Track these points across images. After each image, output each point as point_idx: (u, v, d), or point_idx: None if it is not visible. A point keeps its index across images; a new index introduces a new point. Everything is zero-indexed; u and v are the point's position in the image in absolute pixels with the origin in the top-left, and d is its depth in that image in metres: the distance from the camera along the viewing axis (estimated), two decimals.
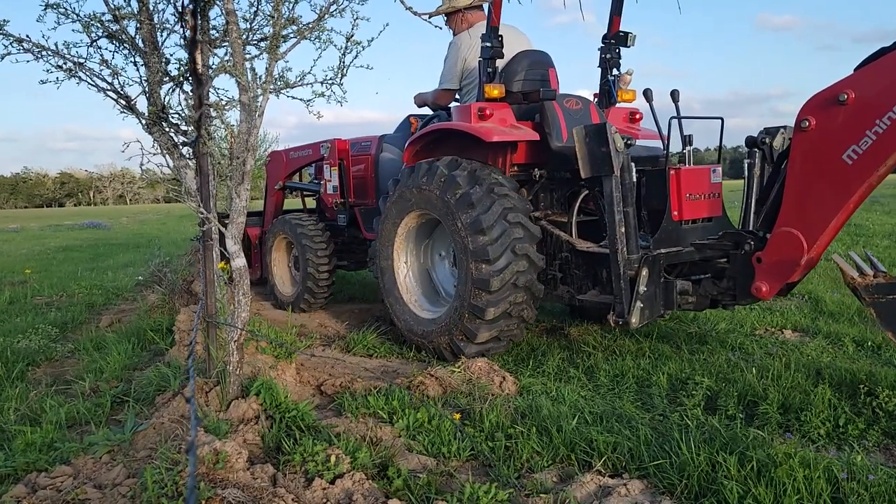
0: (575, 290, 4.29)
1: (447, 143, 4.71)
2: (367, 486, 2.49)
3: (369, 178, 6.03)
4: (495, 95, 4.49)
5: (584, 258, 4.24)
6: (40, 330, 5.23)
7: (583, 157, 3.77)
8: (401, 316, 4.87)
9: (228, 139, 3.09)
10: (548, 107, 4.54)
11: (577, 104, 4.72)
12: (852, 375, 3.61)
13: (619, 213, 3.70)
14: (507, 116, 4.56)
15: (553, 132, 4.51)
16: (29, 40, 3.09)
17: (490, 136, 4.25)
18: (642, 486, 2.53)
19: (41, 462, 2.79)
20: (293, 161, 6.84)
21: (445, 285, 5.03)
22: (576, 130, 3.72)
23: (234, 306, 3.18)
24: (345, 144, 6.20)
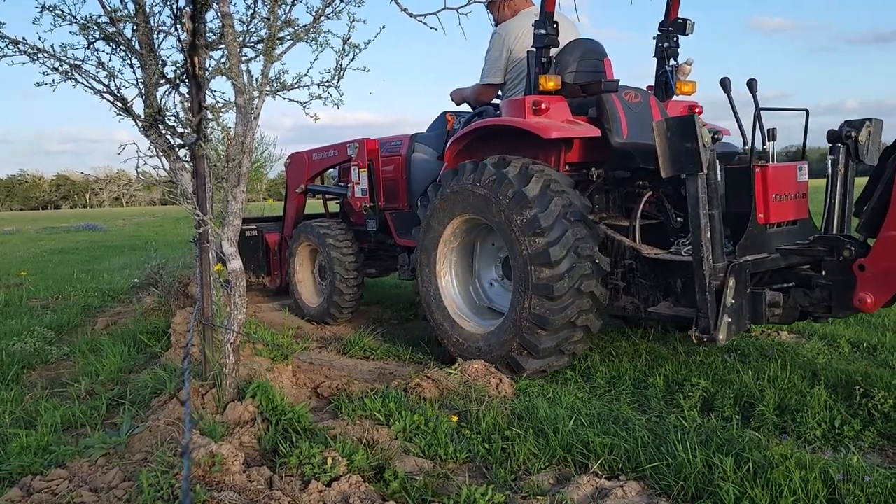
0: (641, 302, 3.85)
1: (493, 141, 4.39)
2: (364, 489, 2.49)
3: (400, 181, 5.63)
4: (551, 88, 4.10)
5: (651, 266, 3.80)
6: (36, 332, 5.21)
7: (664, 154, 3.33)
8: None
9: (225, 141, 3.09)
10: (606, 100, 4.16)
11: (637, 97, 4.35)
12: (848, 377, 3.62)
13: (704, 216, 3.26)
14: (563, 111, 4.20)
15: (613, 127, 4.12)
16: (25, 42, 3.08)
17: (548, 133, 3.90)
18: (639, 487, 2.54)
19: (36, 465, 2.78)
20: (316, 163, 6.44)
21: (494, 296, 4.64)
22: (656, 124, 3.33)
23: (231, 309, 3.17)
24: (374, 144, 5.81)
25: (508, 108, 4.29)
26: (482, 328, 4.34)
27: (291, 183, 6.64)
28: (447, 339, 4.46)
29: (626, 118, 4.17)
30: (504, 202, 3.90)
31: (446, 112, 5.46)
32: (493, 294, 4.64)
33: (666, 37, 4.65)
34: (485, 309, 4.62)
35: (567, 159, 4.19)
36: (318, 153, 6.41)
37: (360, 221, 5.96)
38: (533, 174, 3.88)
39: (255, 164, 22.21)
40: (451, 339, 4.42)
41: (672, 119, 3.37)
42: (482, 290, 4.69)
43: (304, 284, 6.23)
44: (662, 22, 4.64)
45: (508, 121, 4.18)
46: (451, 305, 4.53)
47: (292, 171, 6.66)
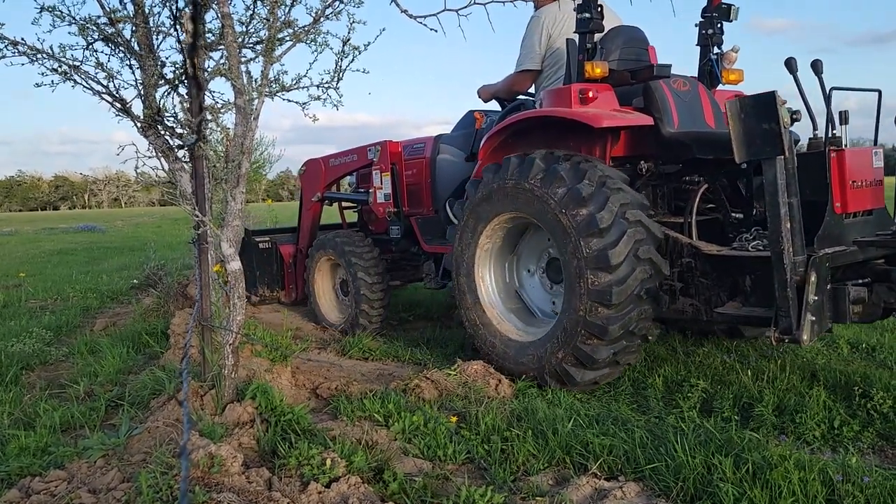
0: (703, 303, 3.56)
1: (532, 135, 4.08)
2: (363, 490, 2.48)
3: (425, 184, 5.35)
4: (598, 75, 3.84)
5: (713, 264, 3.52)
6: (34, 333, 5.21)
7: (738, 138, 3.04)
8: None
9: (224, 142, 3.09)
10: (655, 87, 3.88)
11: (685, 85, 4.06)
12: (847, 377, 3.62)
13: (783, 205, 2.97)
14: (610, 100, 3.92)
15: (664, 117, 3.83)
16: (24, 43, 3.08)
17: (599, 122, 3.61)
18: (638, 488, 2.53)
19: (35, 466, 2.77)
20: (334, 169, 6.10)
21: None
22: (729, 104, 3.06)
23: (230, 310, 3.17)
24: (397, 147, 5.51)
25: (551, 98, 4.01)
26: (526, 336, 4.04)
27: (307, 191, 6.31)
28: (486, 348, 4.14)
29: (676, 107, 3.90)
30: (556, 200, 3.61)
31: (473, 111, 5.23)
32: (537, 299, 4.35)
33: (710, 23, 4.35)
34: (528, 315, 4.32)
35: (613, 153, 3.91)
36: (335, 159, 6.12)
37: (381, 229, 5.74)
38: (584, 170, 3.62)
39: (255, 164, 22.22)
40: (491, 348, 4.11)
41: (748, 98, 3.07)
42: (525, 294, 4.40)
43: (326, 301, 5.94)
44: (705, 8, 4.38)
45: (554, 111, 3.86)
46: (490, 311, 4.23)
47: (307, 179, 6.34)
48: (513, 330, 4.16)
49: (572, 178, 3.61)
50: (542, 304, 4.30)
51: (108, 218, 37.26)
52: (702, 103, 4.08)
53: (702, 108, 4.03)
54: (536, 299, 4.35)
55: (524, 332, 4.13)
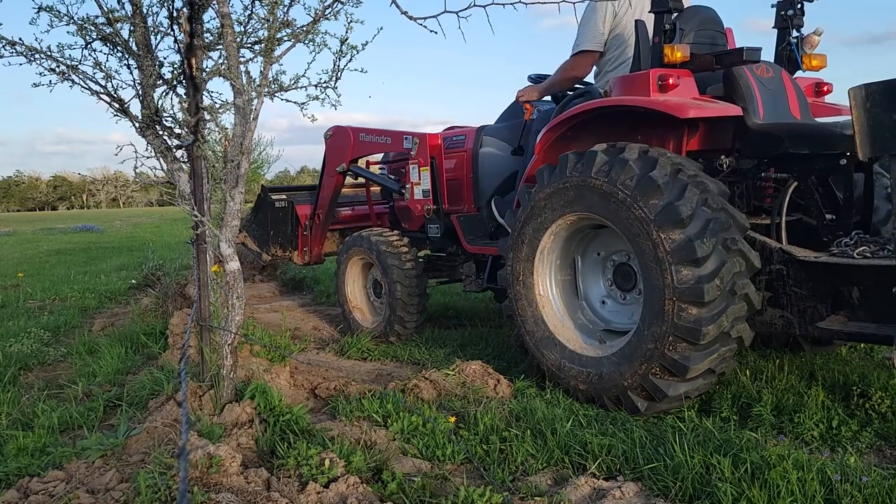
0: (796, 316, 3.20)
1: (596, 126, 3.74)
2: (362, 490, 2.48)
3: (466, 179, 5.03)
4: (678, 59, 3.48)
5: (809, 272, 3.15)
6: (33, 334, 5.20)
7: (863, 130, 2.70)
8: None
9: (222, 142, 3.09)
10: (739, 74, 3.51)
11: (768, 71, 3.67)
12: (845, 377, 3.62)
13: None
14: (690, 87, 3.55)
15: (749, 106, 3.45)
16: (22, 43, 3.08)
17: (684, 112, 3.24)
18: (637, 488, 2.54)
19: (33, 467, 2.77)
20: (363, 144, 5.70)
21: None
22: (853, 92, 2.73)
23: (228, 310, 3.17)
24: (437, 139, 5.14)
25: (623, 85, 3.63)
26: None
27: (330, 159, 5.92)
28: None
29: (761, 95, 3.53)
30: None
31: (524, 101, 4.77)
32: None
33: (789, 3, 3.98)
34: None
35: (689, 146, 3.55)
36: (365, 134, 5.70)
37: (416, 227, 5.48)
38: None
39: (253, 164, 22.26)
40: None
41: (876, 85, 2.66)
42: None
43: (357, 302, 5.63)
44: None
45: (632, 100, 3.48)
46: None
47: (333, 146, 5.92)
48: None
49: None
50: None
51: (106, 218, 37.24)
52: (786, 92, 3.70)
53: (786, 96, 3.68)
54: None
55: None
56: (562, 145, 3.89)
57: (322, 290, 7.40)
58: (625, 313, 3.78)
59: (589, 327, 3.87)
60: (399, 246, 5.15)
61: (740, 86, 3.50)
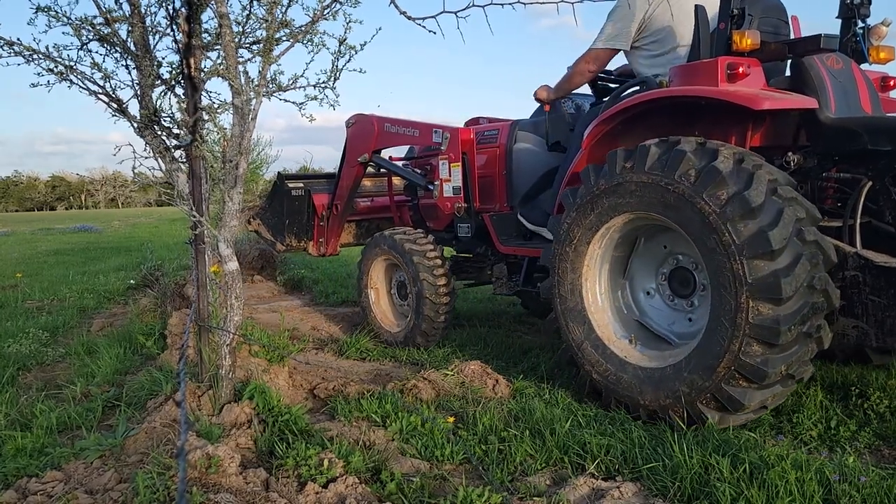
0: (874, 326, 2.97)
1: (647, 120, 3.54)
2: (361, 490, 2.48)
3: (498, 177, 4.82)
4: (748, 46, 3.24)
5: (889, 279, 2.91)
6: (31, 334, 5.19)
7: None
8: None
9: (221, 142, 3.09)
10: (810, 64, 3.29)
11: (839, 62, 3.46)
12: (844, 378, 3.63)
13: None
14: (759, 77, 3.30)
15: (822, 99, 3.22)
16: (20, 43, 3.08)
17: (759, 104, 3.02)
18: (635, 488, 2.54)
19: (32, 467, 2.77)
20: (387, 135, 5.46)
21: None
22: None
23: (227, 310, 3.17)
24: (469, 134, 4.88)
25: (685, 74, 3.38)
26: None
27: (352, 148, 5.73)
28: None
29: (833, 88, 3.32)
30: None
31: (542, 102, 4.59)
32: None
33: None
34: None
35: (753, 141, 3.32)
36: (391, 124, 5.45)
37: (442, 226, 5.31)
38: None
39: (252, 165, 22.20)
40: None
41: None
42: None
43: (381, 305, 5.42)
44: None
45: (698, 90, 3.22)
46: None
47: (355, 136, 5.71)
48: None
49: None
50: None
51: (104, 218, 37.21)
52: (857, 85, 3.49)
53: (857, 90, 3.48)
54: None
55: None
56: (610, 141, 3.69)
57: (321, 290, 7.39)
58: (667, 316, 3.60)
59: (623, 312, 3.69)
60: (425, 244, 4.95)
61: (811, 77, 3.27)
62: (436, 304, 4.82)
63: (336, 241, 6.14)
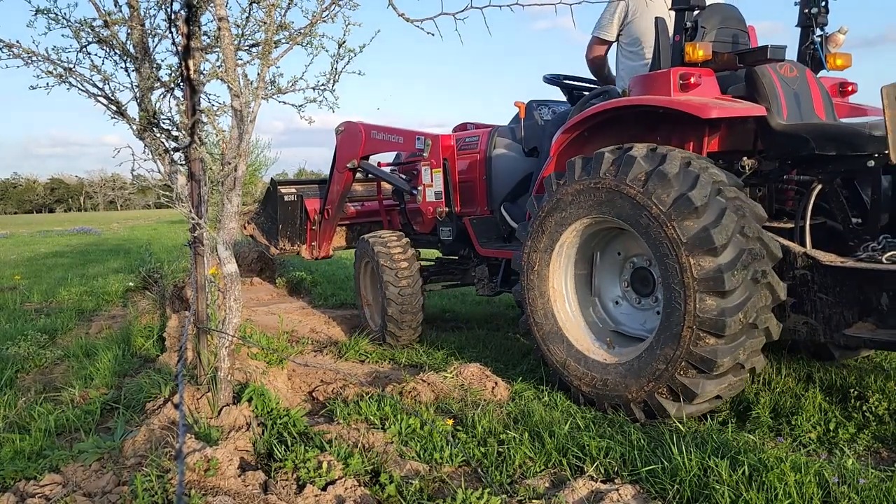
0: (821, 322, 3.13)
1: (614, 127, 3.69)
2: (359, 493, 2.48)
3: (479, 182, 4.97)
4: (700, 58, 3.41)
5: (835, 277, 3.07)
6: (29, 336, 5.19)
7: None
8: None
9: (220, 145, 3.09)
10: (762, 73, 3.44)
11: (793, 70, 3.60)
12: (843, 380, 3.63)
13: None
14: (712, 86, 3.48)
15: (773, 107, 3.38)
16: (19, 45, 3.08)
17: (707, 113, 3.17)
18: (634, 491, 2.54)
19: (30, 470, 2.76)
20: (374, 142, 5.65)
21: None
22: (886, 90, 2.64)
23: (226, 312, 3.17)
24: (450, 141, 5.08)
25: (644, 84, 3.57)
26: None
27: (341, 155, 5.94)
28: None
29: (785, 95, 3.47)
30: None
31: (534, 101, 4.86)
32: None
33: (813, 1, 3.90)
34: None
35: (710, 147, 3.49)
36: (377, 132, 5.65)
37: (427, 229, 5.42)
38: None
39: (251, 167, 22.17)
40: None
41: None
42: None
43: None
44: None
45: (651, 100, 3.41)
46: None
47: (344, 143, 5.91)
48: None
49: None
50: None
51: (103, 221, 37.19)
52: (811, 92, 3.64)
53: (811, 97, 3.63)
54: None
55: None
56: (577, 147, 3.83)
57: (320, 292, 7.39)
58: (638, 318, 3.72)
59: (598, 326, 3.82)
60: (392, 247, 5.12)
61: (763, 85, 3.44)
62: (399, 304, 4.98)
63: (328, 244, 6.33)
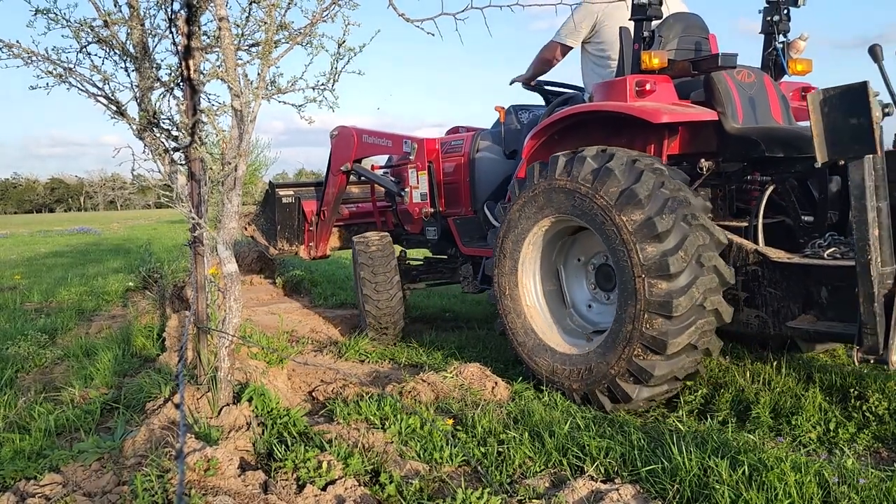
0: (770, 316, 3.32)
1: (581, 131, 3.87)
2: (359, 493, 2.48)
3: (463, 183, 5.14)
4: (656, 66, 3.58)
5: (783, 273, 3.25)
6: (30, 336, 5.19)
7: (820, 134, 2.77)
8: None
9: (220, 145, 3.09)
10: (718, 79, 3.61)
11: (750, 76, 3.78)
12: (843, 380, 3.63)
13: (872, 209, 2.74)
14: (668, 92, 3.68)
15: (727, 110, 3.56)
16: (19, 45, 3.07)
17: (658, 117, 3.39)
18: (634, 490, 2.54)
19: (30, 470, 2.77)
20: (365, 146, 5.88)
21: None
22: (811, 96, 2.81)
23: (226, 312, 3.16)
24: (434, 144, 5.30)
25: (603, 91, 3.78)
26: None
27: (335, 158, 6.16)
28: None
29: (741, 100, 3.64)
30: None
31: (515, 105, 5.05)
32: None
33: (775, 9, 4.06)
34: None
35: (670, 150, 3.69)
36: (368, 136, 5.88)
37: (417, 229, 5.58)
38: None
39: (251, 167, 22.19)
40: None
41: (834, 90, 2.78)
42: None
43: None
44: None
45: (609, 105, 3.62)
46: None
47: (338, 146, 6.14)
48: (559, 340, 3.87)
49: (628, 178, 3.34)
50: (590, 314, 4.04)
51: (103, 220, 37.20)
52: (768, 97, 3.81)
53: (768, 101, 3.80)
54: (584, 306, 4.08)
55: (570, 342, 3.84)
56: (548, 151, 3.94)
57: (320, 292, 7.39)
58: (610, 312, 3.82)
59: (578, 332, 3.99)
60: (370, 244, 5.29)
61: (719, 91, 3.60)
62: (375, 303, 5.16)
63: (325, 244, 6.51)
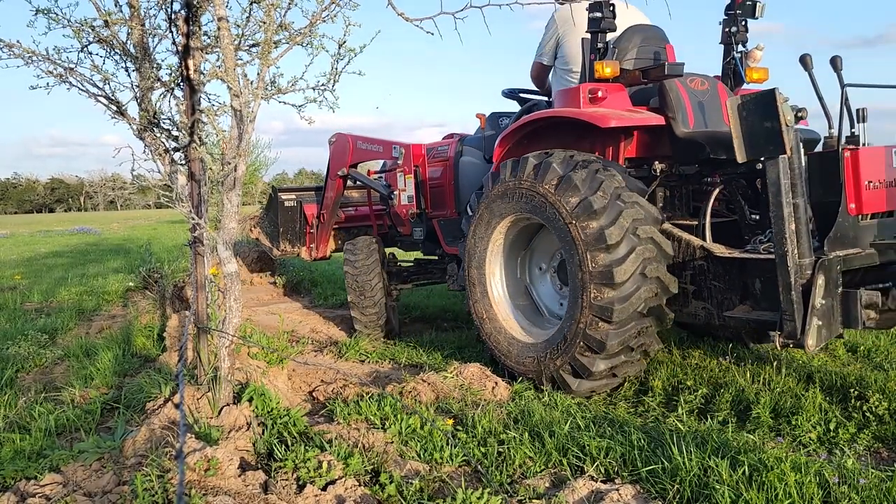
0: (715, 307, 3.56)
1: (547, 136, 4.13)
2: (360, 493, 2.48)
3: (448, 186, 5.41)
4: (608, 75, 3.83)
5: (725, 267, 3.50)
6: (30, 336, 5.19)
7: (739, 136, 3.01)
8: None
9: (220, 145, 3.08)
10: (669, 86, 3.85)
11: (703, 84, 4.03)
12: (843, 380, 3.63)
13: (787, 205, 2.95)
14: (621, 99, 3.93)
15: (678, 116, 3.79)
16: (19, 45, 3.07)
17: (606, 122, 3.63)
18: (634, 490, 2.54)
19: (30, 470, 2.77)
20: (360, 152, 6.18)
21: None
22: (729, 102, 3.04)
23: (226, 312, 3.16)
24: (420, 150, 5.59)
25: (563, 98, 4.05)
26: (532, 336, 4.08)
27: (333, 164, 6.43)
28: (492, 342, 4.20)
29: (692, 106, 3.88)
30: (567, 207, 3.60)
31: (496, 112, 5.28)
32: (547, 299, 4.39)
33: (733, 21, 4.30)
34: (537, 315, 4.35)
35: (627, 153, 3.93)
36: (362, 142, 6.15)
37: (408, 231, 5.79)
38: (576, 163, 3.63)
39: (251, 167, 22.21)
40: (497, 343, 4.16)
41: (748, 96, 3.05)
42: (535, 294, 4.43)
43: None
44: (729, 5, 4.33)
45: (560, 112, 3.90)
46: (499, 309, 4.26)
47: (335, 152, 6.42)
48: (520, 329, 4.16)
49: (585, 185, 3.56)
50: (551, 304, 4.34)
51: (103, 220, 37.19)
52: (720, 103, 4.02)
53: (720, 108, 3.99)
54: (546, 298, 4.36)
55: (529, 332, 4.13)
56: (517, 152, 4.16)
57: (320, 292, 7.40)
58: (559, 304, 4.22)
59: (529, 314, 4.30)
60: (355, 248, 5.53)
61: (671, 97, 3.83)
62: (359, 305, 5.41)
63: (325, 246, 6.73)
